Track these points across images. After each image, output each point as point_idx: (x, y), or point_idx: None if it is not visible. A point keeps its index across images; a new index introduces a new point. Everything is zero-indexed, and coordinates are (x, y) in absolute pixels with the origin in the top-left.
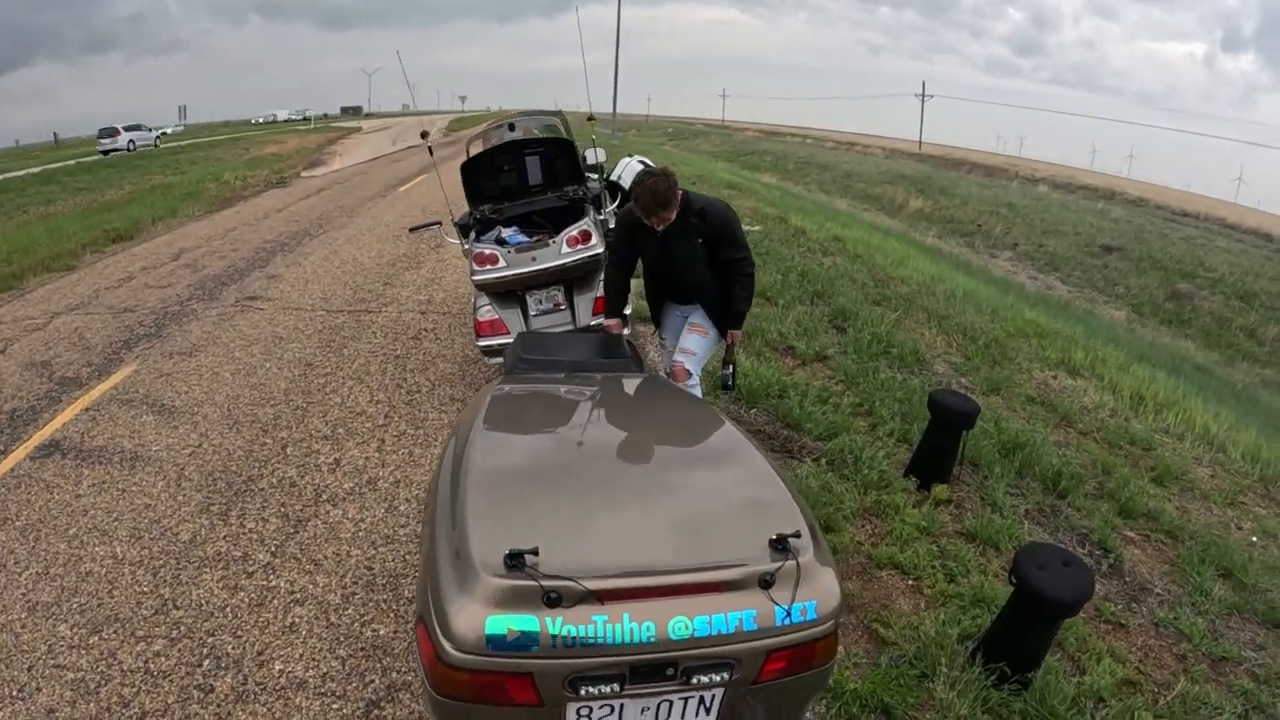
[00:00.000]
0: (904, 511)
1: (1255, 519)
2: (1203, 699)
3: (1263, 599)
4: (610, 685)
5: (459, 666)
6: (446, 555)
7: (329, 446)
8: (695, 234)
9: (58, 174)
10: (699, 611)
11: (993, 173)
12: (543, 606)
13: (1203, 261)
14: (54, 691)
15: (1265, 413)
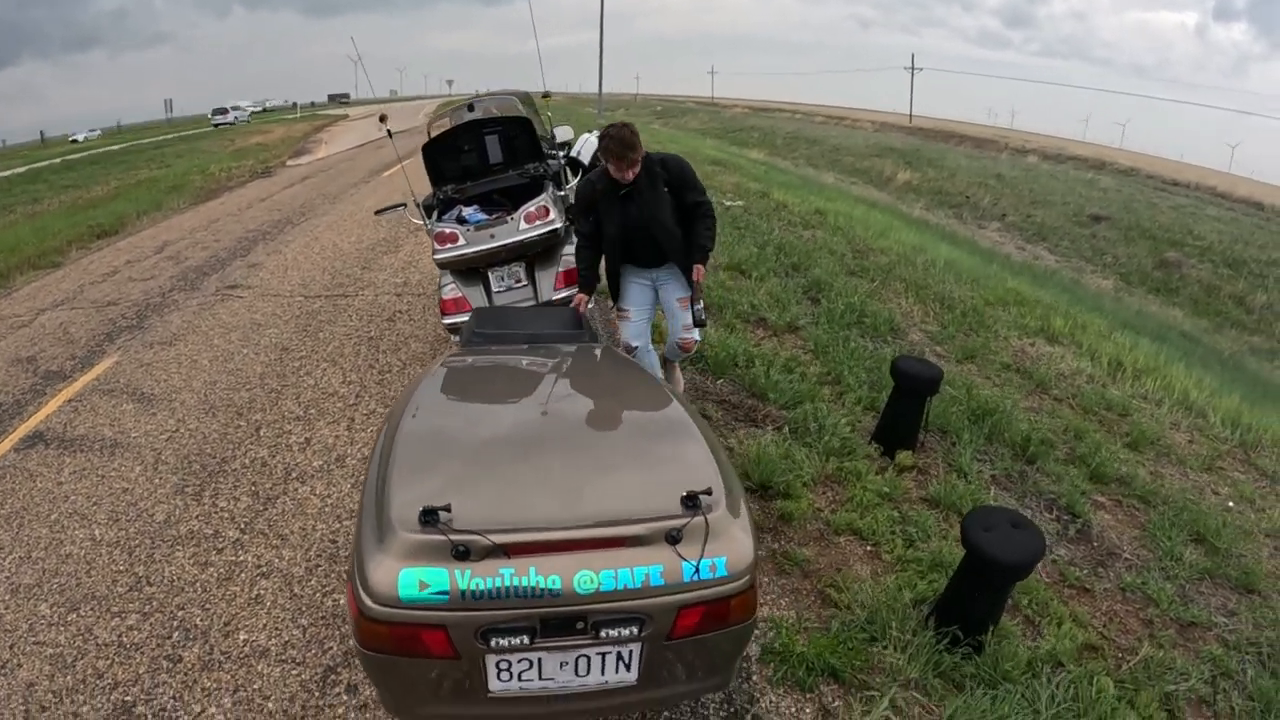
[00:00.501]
0: (866, 478)
1: (1233, 484)
2: (1168, 664)
3: (1236, 564)
4: (520, 638)
5: (378, 619)
6: (371, 514)
7: (300, 427)
8: (661, 182)
9: (44, 172)
10: (605, 566)
11: (982, 145)
12: (452, 560)
13: (1191, 230)
14: (34, 666)
15: (1251, 379)
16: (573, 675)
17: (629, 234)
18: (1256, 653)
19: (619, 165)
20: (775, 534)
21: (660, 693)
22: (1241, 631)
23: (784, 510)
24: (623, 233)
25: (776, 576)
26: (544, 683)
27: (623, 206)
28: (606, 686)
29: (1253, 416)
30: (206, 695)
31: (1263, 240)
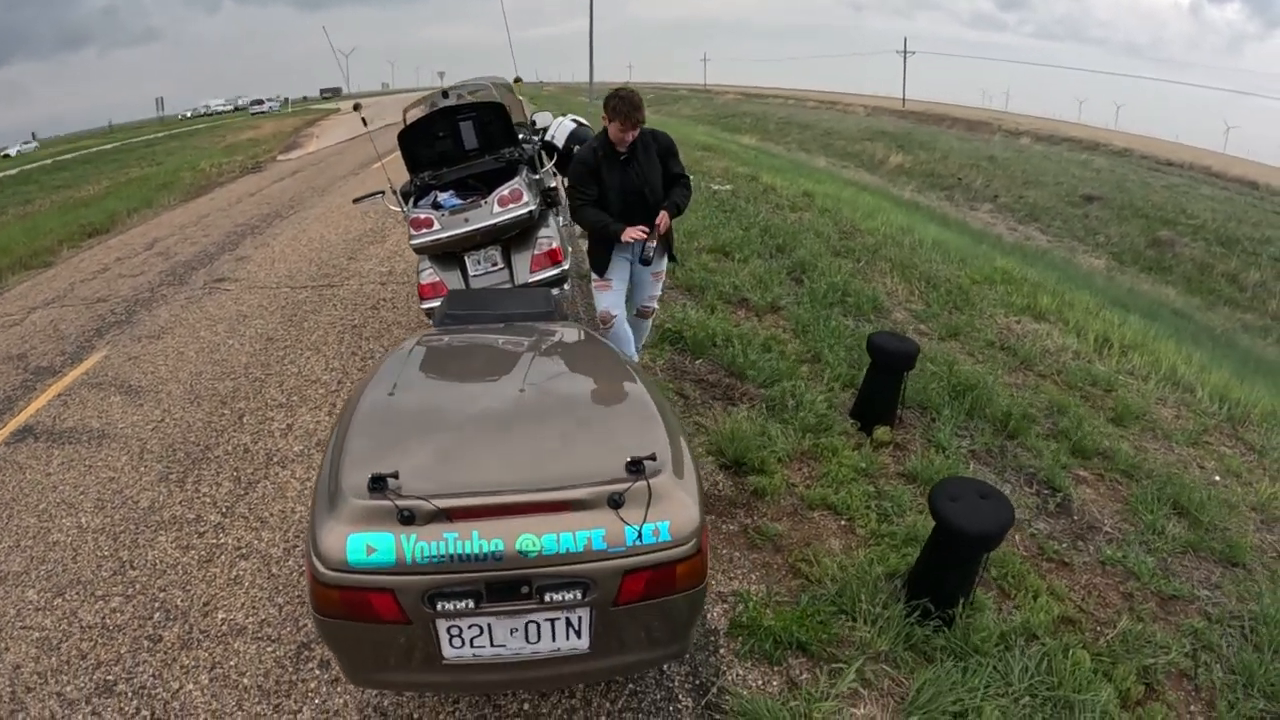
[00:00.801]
0: (842, 454)
1: (1219, 458)
2: (1147, 637)
3: (1220, 537)
4: (465, 601)
5: (330, 584)
6: (325, 483)
7: (283, 414)
8: (654, 150)
9: (35, 174)
10: (547, 529)
11: (975, 127)
12: (398, 525)
13: (1185, 209)
14: (20, 650)
15: (1243, 356)
16: (524, 642)
17: (626, 197)
18: (1239, 626)
19: (624, 125)
20: (748, 509)
21: (615, 661)
22: (1224, 605)
23: (757, 486)
24: (621, 197)
25: (747, 551)
26: (496, 650)
27: (623, 170)
28: (559, 654)
29: (1241, 392)
30: (185, 673)
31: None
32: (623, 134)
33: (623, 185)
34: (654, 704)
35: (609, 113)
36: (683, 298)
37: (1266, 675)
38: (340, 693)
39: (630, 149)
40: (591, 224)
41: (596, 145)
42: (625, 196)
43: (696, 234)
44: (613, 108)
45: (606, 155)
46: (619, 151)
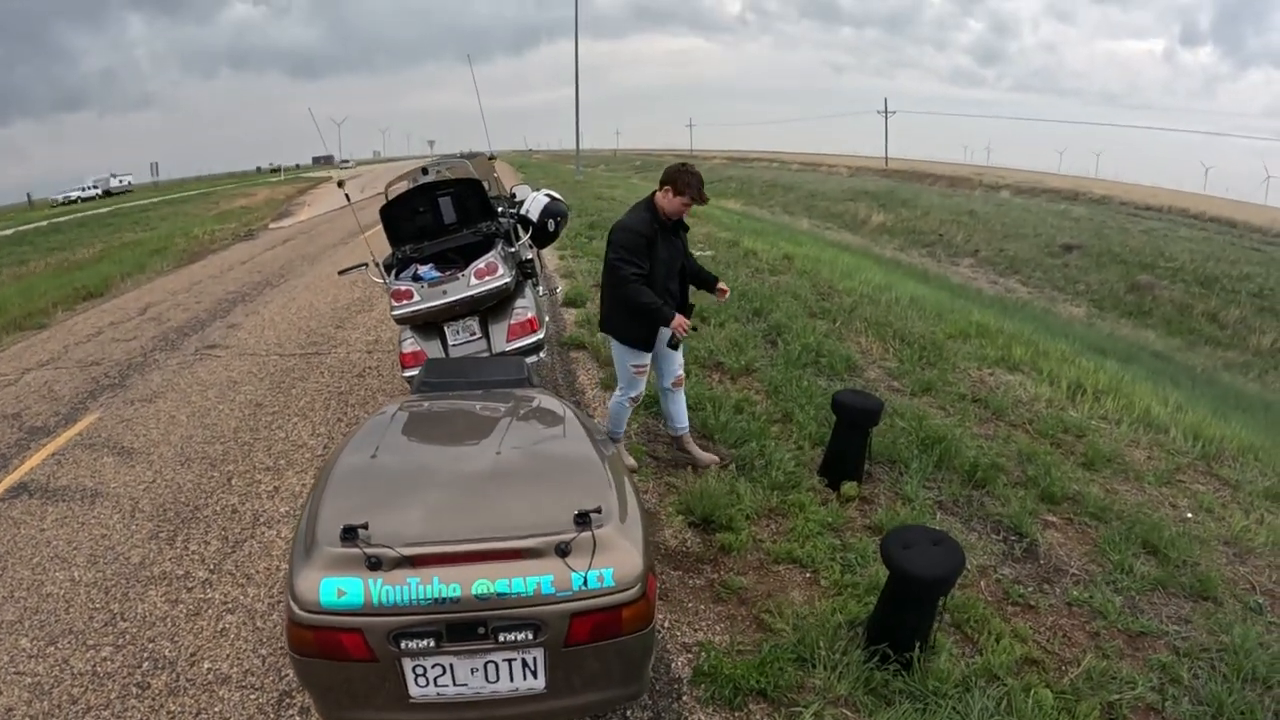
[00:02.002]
0: (809, 509)
1: (1192, 495)
2: (1112, 674)
3: (1190, 572)
4: (427, 640)
5: (303, 624)
6: (302, 534)
7: (270, 476)
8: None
9: (30, 235)
10: (500, 575)
11: (956, 183)
12: (366, 570)
13: (1163, 252)
14: (13, 694)
15: (1223, 393)
16: (484, 681)
17: (670, 269)
18: (1208, 658)
19: (696, 197)
20: (715, 565)
21: (572, 701)
22: (1194, 639)
23: (724, 542)
24: (666, 268)
25: (713, 604)
26: (459, 689)
27: (670, 242)
28: (518, 693)
29: (1217, 429)
30: (171, 718)
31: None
32: (685, 209)
33: (669, 258)
34: None
35: (677, 186)
36: None
37: (1236, 705)
38: None
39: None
40: (646, 306)
41: (649, 218)
42: (669, 268)
43: None
44: (685, 183)
45: (659, 229)
46: (667, 224)
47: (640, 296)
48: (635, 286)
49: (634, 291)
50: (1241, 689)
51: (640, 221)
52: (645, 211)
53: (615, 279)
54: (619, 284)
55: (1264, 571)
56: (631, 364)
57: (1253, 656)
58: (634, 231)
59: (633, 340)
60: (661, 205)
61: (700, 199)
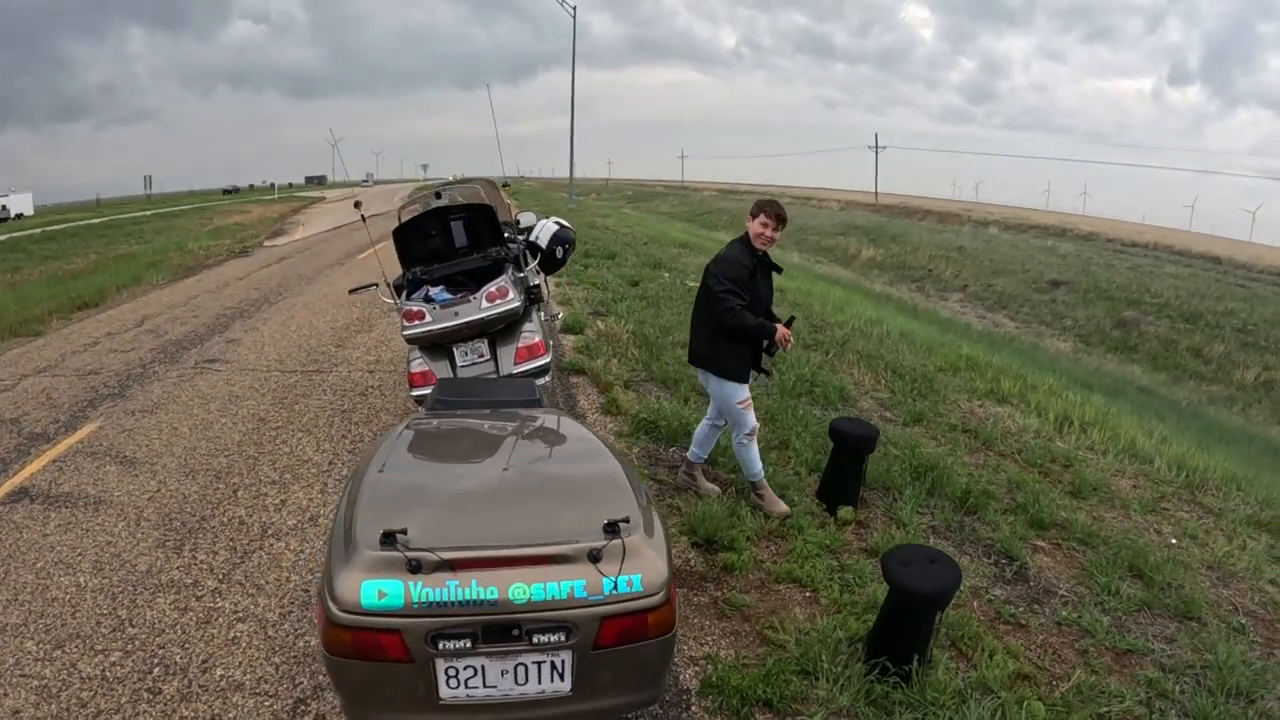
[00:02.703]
0: (807, 532)
1: (1176, 523)
2: (1101, 688)
3: (1175, 595)
4: (464, 641)
5: (342, 625)
6: (339, 539)
7: (276, 490)
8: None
9: (23, 242)
10: (535, 579)
11: (945, 219)
12: (406, 573)
13: (1149, 288)
14: (20, 696)
15: (1207, 426)
16: (513, 684)
17: (761, 303)
18: (1194, 674)
19: (776, 226)
20: (718, 583)
21: (594, 704)
22: (1180, 656)
23: (727, 562)
24: (764, 304)
25: (717, 620)
26: (488, 690)
27: (764, 276)
28: (544, 695)
29: (1201, 460)
30: None
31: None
32: (767, 230)
33: (765, 294)
34: None
35: (754, 210)
36: (658, 390)
37: (1221, 717)
38: None
39: (765, 257)
40: (752, 329)
41: (747, 250)
42: (765, 304)
43: (671, 329)
44: (760, 206)
45: (756, 263)
46: (761, 258)
47: (746, 320)
48: (740, 313)
49: (740, 317)
50: (1226, 703)
51: (740, 253)
52: (742, 245)
53: (719, 309)
54: (724, 314)
55: (1246, 594)
56: (736, 401)
57: (1236, 672)
58: (736, 263)
59: (733, 373)
60: (751, 236)
61: (777, 225)
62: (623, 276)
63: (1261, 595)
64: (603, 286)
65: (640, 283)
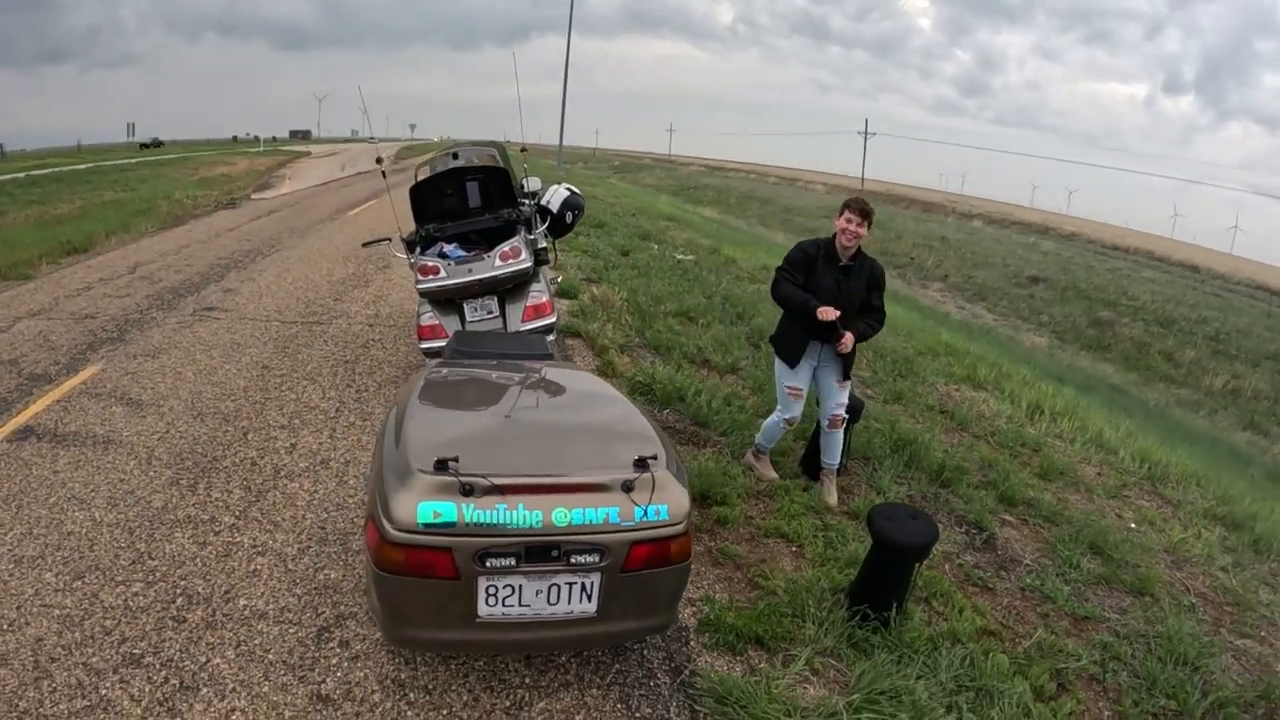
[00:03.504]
0: (793, 494)
1: (1137, 510)
2: (1060, 647)
3: (1132, 572)
4: (509, 559)
5: (397, 543)
6: (391, 466)
7: (285, 434)
8: (864, 275)
9: (7, 185)
10: (576, 505)
11: (930, 208)
12: (459, 496)
13: (1126, 291)
14: (42, 625)
15: (1172, 427)
16: (545, 603)
17: (831, 303)
18: (1145, 642)
19: (859, 223)
20: (712, 534)
21: (615, 626)
22: (1133, 626)
23: (720, 515)
24: (827, 297)
25: (712, 567)
26: (523, 609)
27: (838, 276)
28: (571, 616)
29: (1164, 455)
30: (211, 649)
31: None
32: (852, 231)
33: (830, 290)
34: (637, 680)
35: (850, 209)
36: (652, 355)
37: (1169, 680)
38: (361, 666)
39: (852, 262)
40: (788, 298)
41: (821, 243)
42: (824, 294)
43: (663, 299)
44: (845, 203)
45: (826, 256)
46: (839, 258)
47: (782, 290)
48: (780, 284)
49: (778, 289)
50: (1174, 669)
51: (810, 243)
52: (824, 240)
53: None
54: (773, 287)
55: (1198, 578)
56: (785, 384)
57: (1184, 643)
58: (800, 248)
59: (783, 354)
60: (837, 231)
61: (860, 221)
62: (613, 246)
63: (1212, 580)
64: (594, 254)
65: (630, 253)
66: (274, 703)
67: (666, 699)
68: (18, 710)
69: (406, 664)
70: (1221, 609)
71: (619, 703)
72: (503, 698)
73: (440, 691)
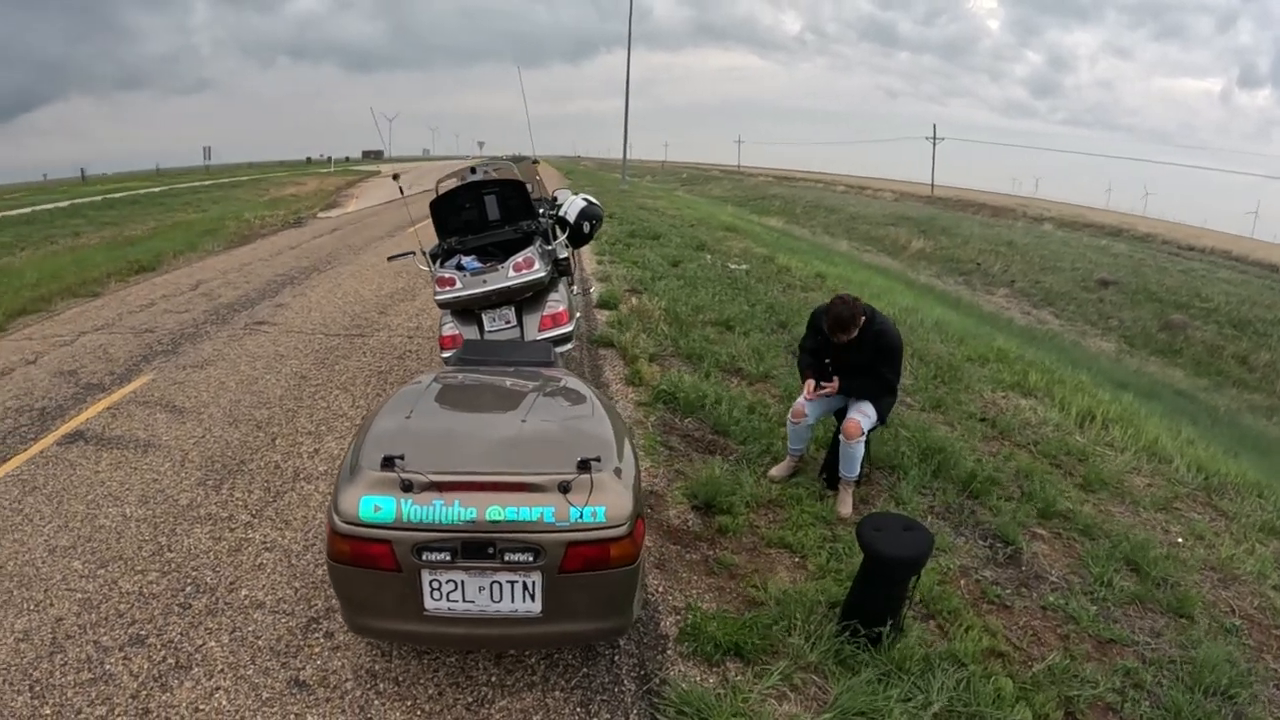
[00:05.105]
0: (805, 503)
1: (1187, 523)
2: (1076, 673)
3: (1170, 591)
4: (445, 555)
5: (342, 534)
6: (348, 464)
7: (311, 440)
8: (870, 348)
9: (84, 208)
10: (510, 503)
11: (1000, 213)
12: (400, 491)
13: (1199, 292)
14: (64, 606)
15: (1241, 435)
16: (489, 600)
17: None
18: (1174, 669)
19: (841, 336)
20: (711, 544)
21: (564, 628)
22: (1163, 650)
23: (722, 524)
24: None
25: (705, 576)
26: (467, 605)
27: (841, 350)
28: (517, 614)
29: (1225, 465)
30: (208, 633)
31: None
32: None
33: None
34: (602, 685)
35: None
36: (681, 364)
37: (1194, 713)
38: (339, 656)
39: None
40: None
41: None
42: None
43: (703, 308)
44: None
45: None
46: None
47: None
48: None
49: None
50: (1203, 699)
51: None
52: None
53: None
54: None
55: (1246, 597)
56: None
57: (1218, 670)
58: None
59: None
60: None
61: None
62: (665, 256)
63: (1261, 600)
64: (643, 265)
65: (681, 263)
66: (255, 684)
67: (628, 706)
68: (30, 679)
69: (382, 656)
70: (1269, 632)
71: (579, 706)
72: (467, 693)
73: (409, 684)
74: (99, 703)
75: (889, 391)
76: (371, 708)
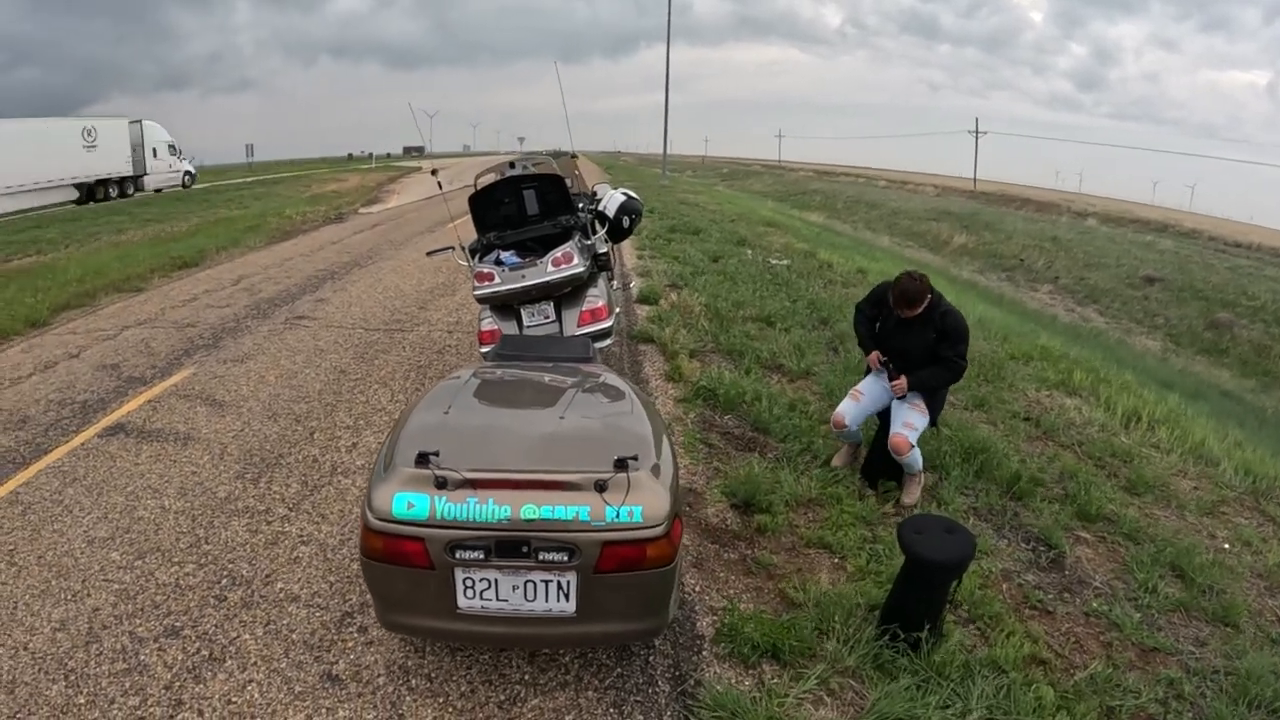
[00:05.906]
0: (845, 502)
1: (1234, 528)
2: (1118, 682)
3: (1216, 599)
4: (478, 553)
5: (376, 531)
6: (382, 459)
7: (349, 434)
8: (933, 328)
9: (127, 205)
10: (545, 502)
11: (1044, 208)
12: (433, 488)
13: (1246, 290)
14: (100, 596)
15: None
16: (523, 599)
17: (891, 346)
18: (1218, 679)
19: (907, 310)
20: (750, 543)
21: (599, 627)
22: (1207, 660)
23: (761, 523)
24: (888, 341)
25: (743, 576)
26: (500, 603)
27: (899, 326)
28: (550, 614)
29: (1271, 467)
30: (243, 625)
31: None
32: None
33: (894, 334)
34: (636, 686)
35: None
36: (721, 360)
37: None
38: (372, 652)
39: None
40: (856, 332)
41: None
42: (890, 343)
43: (744, 303)
44: (893, 294)
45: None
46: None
47: (856, 320)
48: (857, 319)
49: (856, 321)
50: (1247, 713)
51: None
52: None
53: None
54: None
55: None
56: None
57: (1262, 682)
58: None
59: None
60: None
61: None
62: (705, 252)
63: None
64: (684, 261)
65: (721, 259)
66: (288, 678)
67: (662, 708)
68: (65, 668)
69: (415, 652)
70: None
71: (612, 707)
72: (499, 691)
73: (441, 680)
74: (133, 693)
75: (955, 374)
76: (403, 703)
